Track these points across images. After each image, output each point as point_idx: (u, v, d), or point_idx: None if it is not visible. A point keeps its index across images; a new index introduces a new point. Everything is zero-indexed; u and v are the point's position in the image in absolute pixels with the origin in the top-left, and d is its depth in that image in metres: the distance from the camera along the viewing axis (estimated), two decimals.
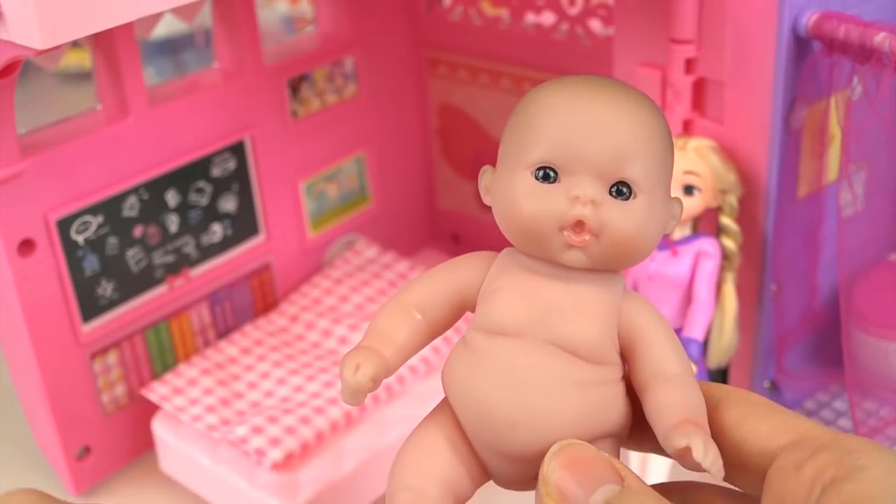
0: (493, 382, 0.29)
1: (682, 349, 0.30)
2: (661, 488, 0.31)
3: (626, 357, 0.30)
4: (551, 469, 0.27)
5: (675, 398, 0.29)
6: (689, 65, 0.52)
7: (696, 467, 0.28)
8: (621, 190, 0.29)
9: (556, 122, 0.29)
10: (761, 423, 0.28)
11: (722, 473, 0.27)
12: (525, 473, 0.30)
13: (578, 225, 0.28)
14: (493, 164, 0.32)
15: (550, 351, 0.29)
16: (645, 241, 0.29)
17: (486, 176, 0.32)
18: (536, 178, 0.29)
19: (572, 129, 0.28)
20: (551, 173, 0.29)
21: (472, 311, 0.31)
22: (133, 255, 0.59)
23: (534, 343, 0.29)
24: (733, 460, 0.29)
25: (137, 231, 0.59)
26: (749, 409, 0.29)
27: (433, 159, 0.77)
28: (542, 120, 0.29)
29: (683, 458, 0.27)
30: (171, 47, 0.94)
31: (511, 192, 0.29)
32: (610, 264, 0.29)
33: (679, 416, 0.28)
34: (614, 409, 0.29)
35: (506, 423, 0.28)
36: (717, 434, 0.29)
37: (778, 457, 0.27)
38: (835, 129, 0.52)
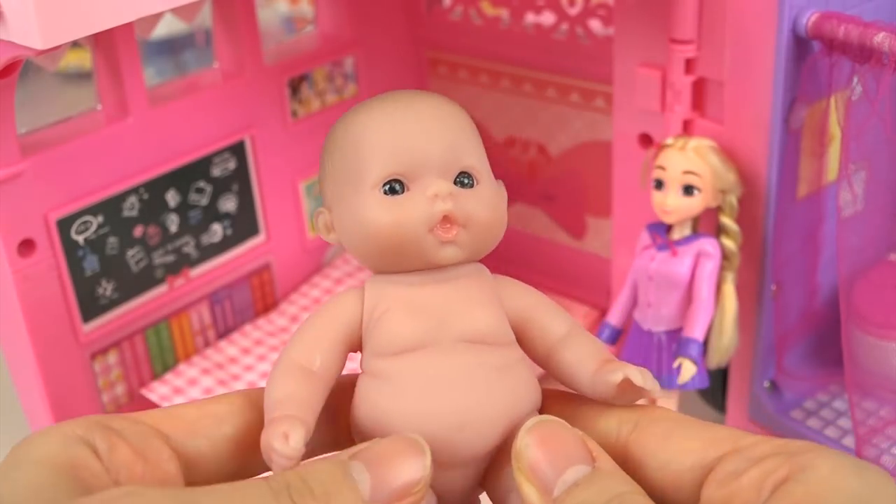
0: (426, 395, 0.28)
1: (560, 307, 0.32)
2: None
3: (517, 335, 0.31)
4: (525, 444, 0.27)
5: (582, 350, 0.30)
6: (689, 65, 0.52)
7: (634, 397, 0.29)
8: (463, 181, 0.30)
9: (388, 137, 0.30)
10: (689, 439, 0.27)
11: (659, 390, 0.29)
12: (471, 477, 0.30)
13: (446, 220, 0.29)
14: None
15: (462, 348, 0.29)
16: (502, 220, 0.31)
17: (323, 216, 0.32)
18: (385, 193, 0.30)
19: (407, 137, 0.30)
20: (397, 186, 0.30)
21: (356, 350, 0.31)
22: (133, 255, 0.59)
23: (443, 346, 0.29)
24: (661, 480, 0.27)
25: (137, 231, 0.59)
26: (674, 427, 0.28)
27: None
28: (370, 140, 0.30)
29: (622, 392, 0.29)
30: (171, 47, 0.94)
31: (364, 214, 0.30)
32: (479, 252, 0.31)
33: (596, 360, 0.30)
34: (532, 383, 0.30)
35: (452, 428, 0.28)
36: (642, 455, 0.28)
37: (715, 468, 0.26)
38: (835, 129, 0.52)
